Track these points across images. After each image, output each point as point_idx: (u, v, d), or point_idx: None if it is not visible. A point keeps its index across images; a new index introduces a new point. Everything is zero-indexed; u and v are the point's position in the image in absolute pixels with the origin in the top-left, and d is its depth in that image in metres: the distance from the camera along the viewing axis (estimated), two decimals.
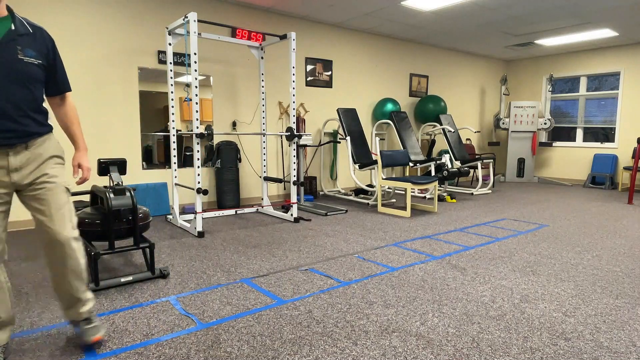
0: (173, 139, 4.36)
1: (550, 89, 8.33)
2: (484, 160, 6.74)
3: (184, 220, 4.42)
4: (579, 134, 8.40)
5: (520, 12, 5.75)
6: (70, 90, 1.92)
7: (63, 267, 1.76)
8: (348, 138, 5.72)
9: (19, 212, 4.21)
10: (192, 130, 4.09)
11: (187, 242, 3.70)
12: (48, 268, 1.80)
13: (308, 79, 6.28)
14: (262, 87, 5.01)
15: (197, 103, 3.82)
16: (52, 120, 1.89)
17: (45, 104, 1.84)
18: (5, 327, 1.77)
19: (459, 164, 6.74)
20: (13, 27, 1.62)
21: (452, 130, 7.03)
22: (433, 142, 7.40)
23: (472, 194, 6.68)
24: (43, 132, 1.75)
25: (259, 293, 2.53)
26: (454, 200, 6.01)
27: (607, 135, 8.06)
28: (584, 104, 8.31)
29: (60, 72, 1.82)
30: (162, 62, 4.93)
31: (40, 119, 1.74)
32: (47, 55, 1.73)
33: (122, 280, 2.62)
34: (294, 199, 4.64)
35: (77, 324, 1.90)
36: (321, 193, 6.49)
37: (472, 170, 7.99)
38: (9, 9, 1.64)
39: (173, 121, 4.37)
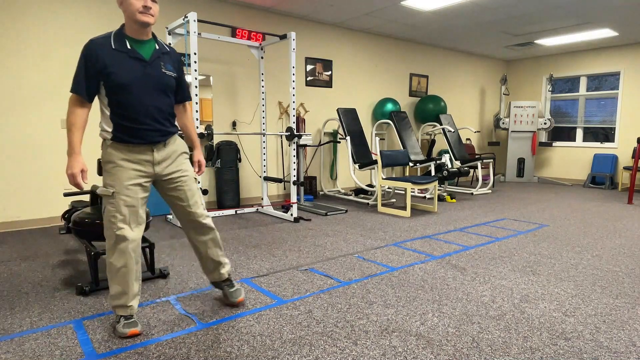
0: None
1: (550, 89, 8.33)
2: (484, 160, 6.74)
3: None
4: (579, 133, 8.41)
5: (520, 12, 5.75)
6: (190, 99, 2.30)
7: (205, 238, 2.24)
8: (348, 138, 5.72)
9: (19, 212, 4.21)
10: None
11: (187, 242, 3.70)
12: (192, 241, 2.26)
13: (308, 79, 6.28)
14: (262, 87, 5.01)
15: (197, 103, 3.82)
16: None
17: None
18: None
19: (459, 164, 6.74)
20: (157, 47, 2.02)
21: (452, 130, 7.03)
22: (433, 142, 7.40)
23: (472, 194, 6.68)
24: (175, 132, 2.12)
25: (259, 293, 2.53)
26: (454, 200, 6.01)
27: (607, 135, 8.06)
28: (584, 103, 8.32)
29: (184, 84, 2.19)
30: None
31: (172, 121, 2.12)
32: (178, 70, 2.11)
33: None
34: (294, 198, 4.64)
35: (220, 286, 2.35)
36: (321, 193, 6.49)
37: (472, 170, 7.99)
38: (152, 33, 2.04)
39: None
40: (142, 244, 2.73)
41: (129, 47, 1.94)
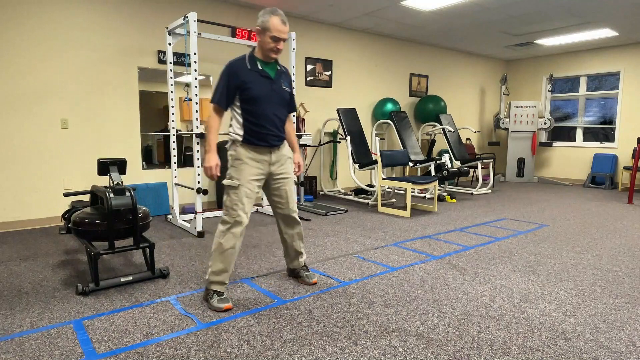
0: (173, 138, 4.36)
1: (550, 89, 8.33)
2: (484, 160, 6.74)
3: (184, 220, 4.42)
4: (579, 133, 8.41)
5: (520, 12, 5.76)
6: (296, 110, 2.70)
7: (293, 231, 2.64)
8: (348, 138, 5.72)
9: (19, 212, 4.21)
10: (192, 130, 4.09)
11: (187, 242, 3.70)
12: (281, 233, 2.65)
13: (308, 79, 6.28)
14: None
15: (197, 103, 3.82)
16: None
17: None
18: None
19: (459, 164, 6.74)
20: (278, 68, 2.47)
21: (452, 130, 7.03)
22: (433, 142, 7.40)
23: (472, 193, 6.68)
24: (285, 138, 2.53)
25: (259, 293, 2.53)
26: (453, 200, 6.01)
27: (607, 135, 8.06)
28: (584, 103, 8.32)
29: (293, 98, 2.62)
30: (162, 62, 4.93)
31: (283, 129, 2.50)
32: (290, 86, 2.54)
33: (122, 280, 2.62)
34: None
35: (297, 272, 2.73)
36: (321, 193, 6.49)
37: (472, 170, 7.99)
38: None
39: (173, 121, 4.37)
40: (142, 244, 2.74)
41: (259, 67, 2.38)
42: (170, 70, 4.34)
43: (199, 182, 3.92)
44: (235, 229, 2.33)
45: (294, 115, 2.49)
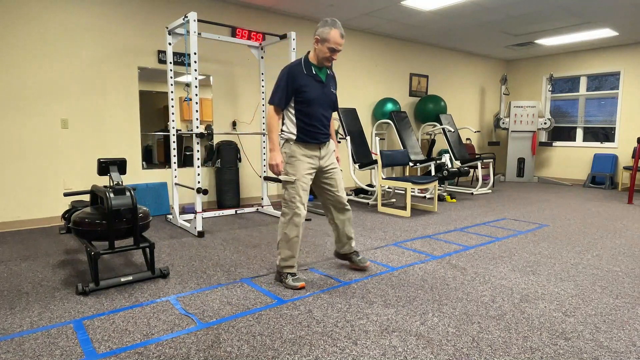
0: (173, 138, 4.36)
1: (550, 89, 8.33)
2: (484, 160, 6.73)
3: (184, 220, 4.42)
4: (579, 133, 8.41)
5: (520, 12, 5.75)
6: (337, 110, 2.91)
7: (344, 217, 2.84)
8: (348, 138, 5.72)
9: (19, 212, 4.21)
10: (192, 130, 4.09)
11: (187, 242, 3.70)
12: (333, 220, 2.84)
13: None
14: (262, 86, 5.01)
15: (197, 103, 3.82)
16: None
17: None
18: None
19: (459, 164, 6.74)
20: (328, 73, 2.72)
21: (452, 130, 7.03)
22: (433, 142, 7.40)
23: (472, 193, 6.68)
24: (330, 135, 2.80)
25: (259, 293, 2.53)
26: (454, 200, 6.01)
27: (607, 135, 8.06)
28: (584, 103, 8.32)
29: (336, 99, 2.83)
30: (162, 61, 4.93)
31: (329, 128, 2.76)
32: (335, 89, 2.80)
33: (122, 280, 2.62)
34: None
35: (348, 256, 2.93)
36: None
37: (472, 170, 7.99)
38: None
39: (173, 121, 4.37)
40: (142, 243, 2.74)
41: (314, 72, 2.62)
42: (170, 70, 4.34)
43: (199, 182, 3.92)
44: (296, 219, 2.59)
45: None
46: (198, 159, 3.93)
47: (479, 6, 5.48)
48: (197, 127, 3.84)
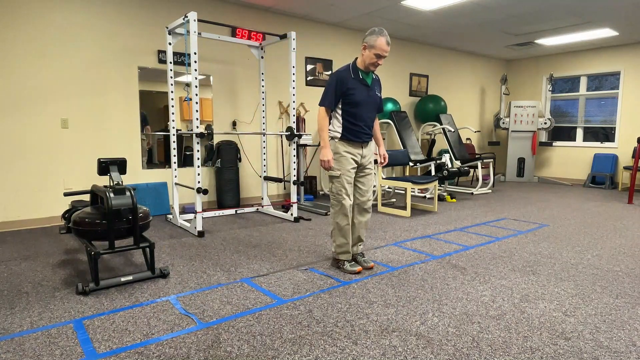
0: (173, 138, 4.36)
1: (551, 89, 8.33)
2: (484, 160, 6.73)
3: (184, 220, 4.42)
4: (579, 133, 8.40)
5: (520, 12, 5.75)
6: (382, 112, 3.28)
7: (363, 219, 2.97)
8: None
9: (19, 212, 4.21)
10: (192, 130, 4.09)
11: (187, 242, 3.70)
12: (352, 219, 2.93)
13: (308, 79, 6.28)
14: (262, 86, 5.01)
15: (197, 103, 3.82)
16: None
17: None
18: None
19: (459, 164, 6.74)
20: (374, 77, 2.93)
21: (452, 130, 7.03)
22: (433, 142, 7.40)
23: (472, 193, 6.68)
24: (372, 136, 2.98)
25: (259, 292, 2.53)
26: (454, 200, 6.01)
27: (607, 134, 8.06)
28: (584, 103, 8.31)
29: (381, 101, 3.02)
30: (162, 61, 4.93)
31: (372, 128, 2.95)
32: (380, 92, 2.98)
33: (122, 279, 2.62)
34: (294, 198, 4.64)
35: (355, 257, 3.02)
36: (321, 192, 6.49)
37: (472, 170, 7.99)
38: None
39: (173, 121, 4.37)
40: (142, 243, 2.74)
41: (360, 77, 2.82)
42: (170, 70, 4.34)
43: (199, 182, 3.92)
44: (344, 209, 2.83)
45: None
46: (198, 158, 3.93)
47: (479, 6, 5.48)
48: (197, 127, 3.84)
